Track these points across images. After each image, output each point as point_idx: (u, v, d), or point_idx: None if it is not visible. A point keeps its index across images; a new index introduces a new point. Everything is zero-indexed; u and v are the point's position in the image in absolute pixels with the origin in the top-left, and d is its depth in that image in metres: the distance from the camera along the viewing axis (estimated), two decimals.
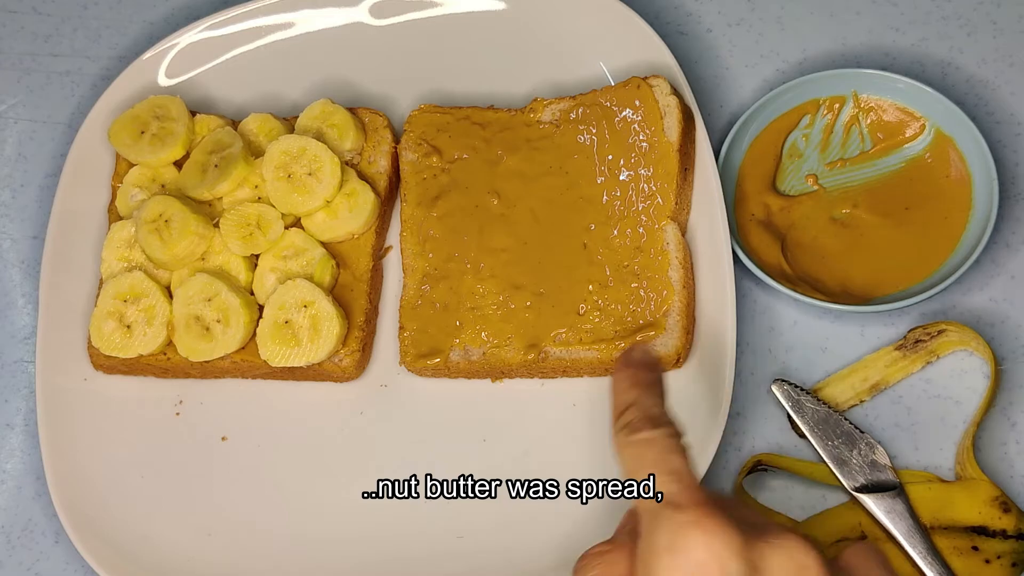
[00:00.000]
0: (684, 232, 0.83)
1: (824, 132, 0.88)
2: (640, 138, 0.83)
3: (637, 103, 0.84)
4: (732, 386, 0.78)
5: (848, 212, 0.86)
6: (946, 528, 0.76)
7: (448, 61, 0.92)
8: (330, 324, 0.80)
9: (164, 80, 0.93)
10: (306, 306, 0.81)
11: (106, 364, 0.84)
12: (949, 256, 0.83)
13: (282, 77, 0.93)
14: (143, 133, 0.87)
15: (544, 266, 0.82)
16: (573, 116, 0.85)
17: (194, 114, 0.88)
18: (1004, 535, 0.75)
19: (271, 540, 0.80)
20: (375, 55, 0.93)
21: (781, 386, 0.80)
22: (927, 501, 0.77)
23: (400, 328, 0.83)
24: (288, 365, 0.80)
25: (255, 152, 0.86)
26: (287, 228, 0.84)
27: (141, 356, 0.82)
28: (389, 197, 0.88)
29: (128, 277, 0.83)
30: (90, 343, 0.83)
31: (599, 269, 0.81)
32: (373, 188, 0.85)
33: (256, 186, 0.85)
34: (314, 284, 0.81)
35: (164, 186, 0.87)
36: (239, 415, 0.84)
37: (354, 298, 0.84)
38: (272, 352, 0.80)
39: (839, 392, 0.81)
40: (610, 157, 0.83)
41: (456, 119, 0.87)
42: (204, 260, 0.84)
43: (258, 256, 0.84)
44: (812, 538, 0.56)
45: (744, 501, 0.79)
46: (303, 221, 0.85)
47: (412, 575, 0.78)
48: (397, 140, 0.88)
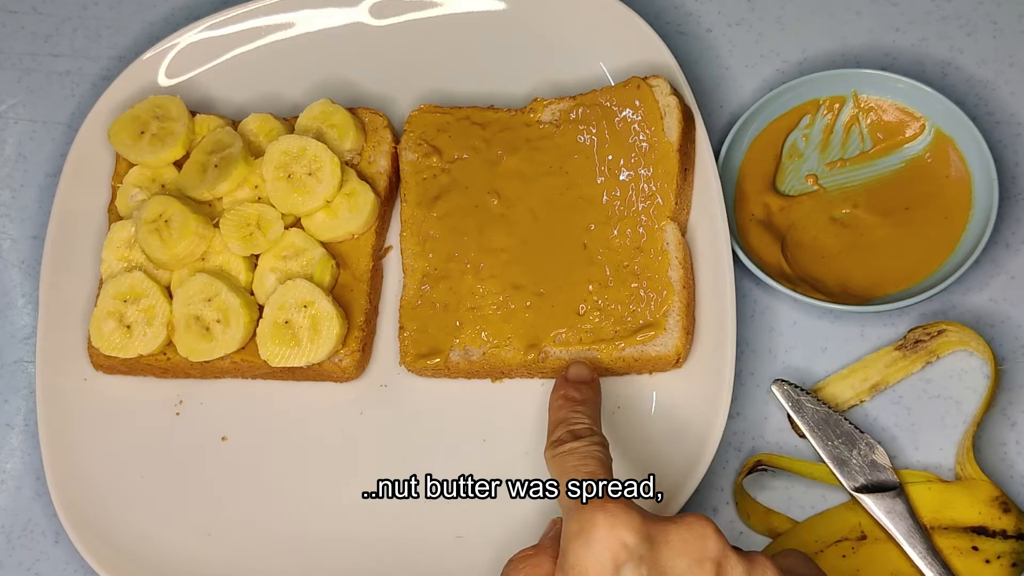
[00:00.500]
0: (684, 232, 0.83)
1: (824, 132, 0.88)
2: (640, 138, 0.83)
3: (637, 103, 0.84)
4: (732, 386, 0.78)
5: (848, 212, 0.86)
6: (946, 528, 0.76)
7: (448, 61, 0.92)
8: (330, 324, 0.80)
9: (164, 80, 0.93)
10: (306, 306, 0.81)
11: (106, 364, 0.84)
12: (949, 256, 0.83)
13: (282, 77, 0.92)
14: (143, 133, 0.87)
15: (544, 266, 0.82)
16: (573, 116, 0.85)
17: (194, 114, 0.88)
18: (1004, 535, 0.75)
19: (271, 540, 0.80)
20: (375, 55, 0.93)
21: (781, 386, 0.80)
22: (927, 501, 0.77)
23: (400, 328, 0.83)
24: (288, 365, 0.80)
25: (255, 152, 0.86)
26: (287, 228, 0.84)
27: (141, 356, 0.82)
28: (389, 197, 0.88)
29: (128, 277, 0.83)
30: (90, 343, 0.83)
31: (599, 269, 0.81)
32: (373, 188, 0.85)
33: (256, 186, 0.85)
34: (314, 284, 0.81)
35: (164, 186, 0.87)
36: (239, 415, 0.84)
37: (354, 298, 0.83)
38: (272, 352, 0.80)
39: (839, 392, 0.81)
40: (610, 157, 0.83)
41: (456, 119, 0.87)
42: (204, 260, 0.84)
43: (258, 256, 0.84)
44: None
45: (744, 500, 0.79)
46: (303, 221, 0.85)
47: (412, 575, 0.78)
48: (397, 140, 0.88)
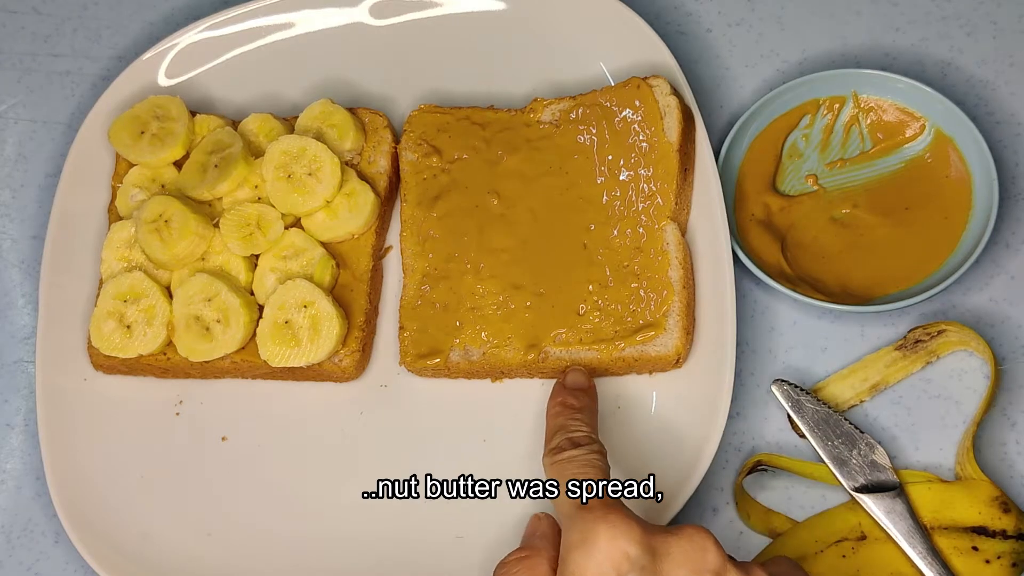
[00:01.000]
0: (684, 232, 0.83)
1: (824, 132, 0.88)
2: (640, 138, 0.83)
3: (637, 103, 0.84)
4: (732, 386, 0.78)
5: (848, 212, 0.86)
6: (946, 528, 0.76)
7: (448, 61, 0.92)
8: (330, 324, 0.80)
9: (164, 80, 0.93)
10: (306, 306, 0.81)
11: (106, 364, 0.84)
12: (949, 256, 0.83)
13: (282, 77, 0.92)
14: (143, 133, 0.87)
15: (544, 266, 0.82)
16: (573, 116, 0.85)
17: (194, 114, 0.88)
18: (1004, 535, 0.75)
19: (271, 540, 0.80)
20: (375, 55, 0.93)
21: (781, 386, 0.80)
22: (927, 501, 0.77)
23: (400, 328, 0.82)
24: (288, 365, 0.80)
25: (255, 152, 0.86)
26: (287, 228, 0.84)
27: (141, 356, 0.82)
28: (389, 197, 0.87)
29: (128, 277, 0.83)
30: (90, 343, 0.83)
31: (599, 269, 0.81)
32: (373, 188, 0.85)
33: (256, 186, 0.85)
34: (314, 284, 0.81)
35: (164, 186, 0.87)
36: (239, 415, 0.84)
37: (354, 298, 0.83)
38: (272, 352, 0.80)
39: (839, 392, 0.81)
40: (610, 157, 0.83)
41: (456, 119, 0.87)
42: (204, 260, 0.84)
43: (258, 256, 0.84)
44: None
45: (744, 500, 0.79)
46: (303, 221, 0.84)
47: (412, 575, 0.78)
48: (397, 140, 0.88)
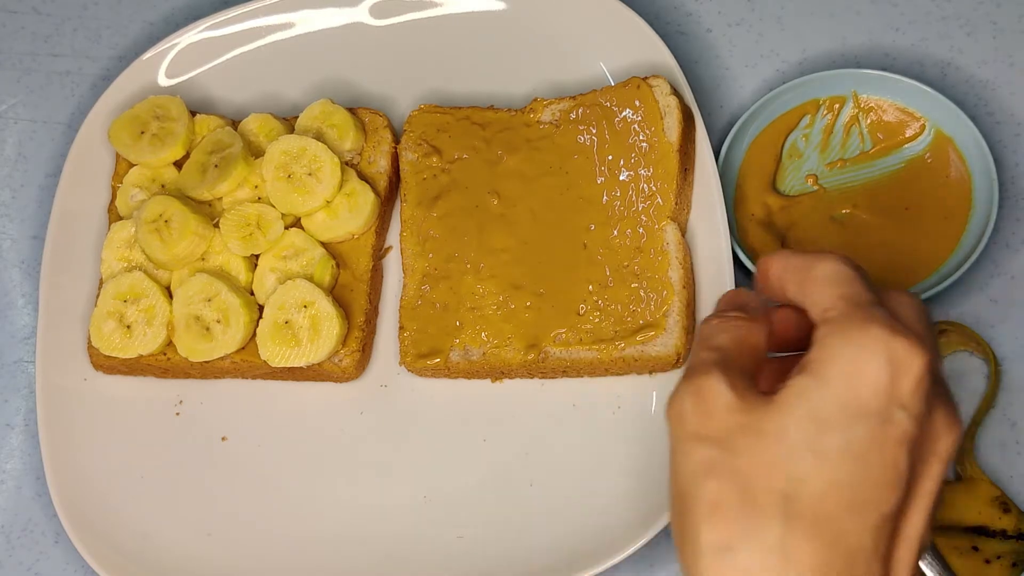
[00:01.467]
0: (684, 232, 0.83)
1: (824, 132, 0.88)
2: (640, 138, 0.83)
3: (637, 103, 0.84)
4: None
5: (848, 212, 0.86)
6: (946, 528, 0.76)
7: (448, 61, 0.92)
8: (330, 324, 0.80)
9: (164, 80, 0.93)
10: (306, 306, 0.81)
11: (106, 364, 0.84)
12: (949, 256, 0.83)
13: (282, 77, 0.92)
14: (143, 133, 0.87)
15: (544, 266, 0.82)
16: (573, 116, 0.85)
17: (194, 114, 0.88)
18: (1004, 535, 0.75)
19: (271, 540, 0.80)
20: (375, 55, 0.93)
21: None
22: None
23: (400, 328, 0.82)
24: (288, 365, 0.80)
25: (255, 152, 0.86)
26: (287, 228, 0.84)
27: (141, 356, 0.82)
28: (389, 197, 0.87)
29: (128, 277, 0.83)
30: (90, 343, 0.83)
31: (599, 269, 0.81)
32: (373, 188, 0.85)
33: (256, 186, 0.85)
34: (314, 284, 0.81)
35: (164, 186, 0.87)
36: (239, 415, 0.84)
37: (354, 298, 0.83)
38: (272, 352, 0.80)
39: None
40: (610, 157, 0.83)
41: (456, 119, 0.87)
42: (204, 260, 0.84)
43: (258, 256, 0.84)
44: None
45: None
46: (303, 221, 0.84)
47: (412, 575, 0.78)
48: (397, 140, 0.88)
